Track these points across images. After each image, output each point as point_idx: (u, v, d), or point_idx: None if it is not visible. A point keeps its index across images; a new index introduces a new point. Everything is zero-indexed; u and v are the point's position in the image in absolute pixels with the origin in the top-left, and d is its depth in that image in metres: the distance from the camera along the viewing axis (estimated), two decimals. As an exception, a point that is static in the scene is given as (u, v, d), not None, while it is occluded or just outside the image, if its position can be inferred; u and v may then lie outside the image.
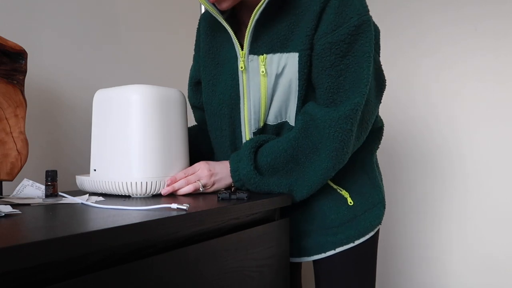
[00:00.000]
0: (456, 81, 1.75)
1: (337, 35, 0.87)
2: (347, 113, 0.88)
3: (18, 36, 1.10)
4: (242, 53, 0.95)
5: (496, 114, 1.67)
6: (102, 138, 0.94)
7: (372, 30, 0.91)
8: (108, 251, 0.57)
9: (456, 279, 1.75)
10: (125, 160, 0.90)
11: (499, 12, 1.65)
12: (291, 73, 0.92)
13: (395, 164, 1.89)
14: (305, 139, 0.91)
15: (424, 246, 1.82)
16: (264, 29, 0.93)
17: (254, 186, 0.93)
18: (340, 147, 0.89)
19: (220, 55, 1.03)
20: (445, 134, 1.77)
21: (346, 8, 0.87)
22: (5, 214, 0.64)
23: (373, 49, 0.91)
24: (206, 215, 0.71)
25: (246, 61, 0.95)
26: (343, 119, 0.88)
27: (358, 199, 0.99)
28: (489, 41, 1.68)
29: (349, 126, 0.88)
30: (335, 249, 0.98)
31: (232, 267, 0.76)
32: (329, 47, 0.88)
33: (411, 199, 1.86)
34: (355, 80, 0.89)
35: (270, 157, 0.92)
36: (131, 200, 0.84)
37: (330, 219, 0.98)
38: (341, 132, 0.88)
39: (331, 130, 0.88)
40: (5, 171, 0.91)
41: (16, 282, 0.47)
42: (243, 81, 0.97)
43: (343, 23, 0.87)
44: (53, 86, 1.21)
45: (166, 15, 1.60)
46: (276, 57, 0.92)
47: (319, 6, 0.87)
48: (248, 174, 0.92)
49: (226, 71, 1.00)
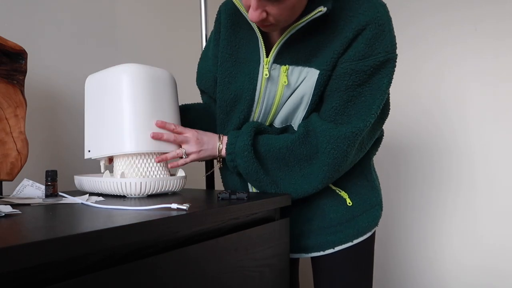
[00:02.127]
0: (456, 82, 1.75)
1: (361, 65, 0.88)
2: (348, 134, 0.90)
3: (18, 36, 1.10)
4: (266, 60, 0.95)
5: (497, 115, 1.67)
6: (95, 118, 0.97)
7: (395, 67, 0.92)
8: (108, 251, 0.57)
9: (457, 279, 1.75)
10: (117, 135, 0.92)
11: (500, 12, 1.65)
12: (306, 87, 0.93)
13: (396, 165, 1.89)
14: (301, 146, 0.93)
15: (425, 246, 1.82)
16: (292, 41, 0.93)
17: (244, 160, 0.94)
18: (332, 164, 0.91)
19: (239, 53, 1.01)
20: (446, 134, 1.77)
21: (377, 42, 0.87)
22: (5, 214, 0.64)
23: (390, 84, 0.92)
24: (206, 215, 0.71)
25: (270, 69, 0.95)
26: (342, 139, 0.90)
27: (356, 200, 1.02)
28: (490, 41, 1.68)
29: (345, 147, 0.90)
30: (334, 248, 1.00)
31: (232, 267, 0.76)
32: (349, 72, 0.89)
33: (411, 199, 1.86)
34: (363, 108, 0.90)
35: (264, 148, 0.95)
36: (131, 200, 0.84)
37: (329, 218, 1.00)
38: (337, 150, 0.90)
39: (328, 145, 0.90)
40: (5, 171, 0.91)
41: (16, 282, 0.47)
42: (261, 87, 0.97)
43: (370, 56, 0.88)
44: (53, 86, 1.21)
45: (166, 15, 1.60)
46: (297, 69, 0.93)
47: (352, 33, 0.88)
48: (243, 147, 0.94)
49: (244, 72, 0.99)
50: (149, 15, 1.54)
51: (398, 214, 1.88)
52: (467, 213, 1.73)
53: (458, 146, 1.75)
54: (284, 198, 0.93)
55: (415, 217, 1.85)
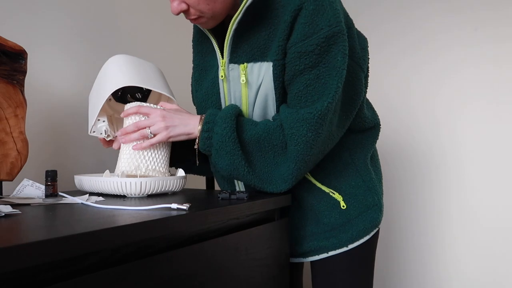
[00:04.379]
0: (455, 83, 1.75)
1: (307, 45, 0.86)
2: (306, 116, 0.86)
3: (18, 36, 1.10)
4: (222, 61, 0.95)
5: (496, 116, 1.67)
6: (92, 102, 1.05)
7: (346, 41, 0.88)
8: (108, 251, 0.57)
9: (458, 279, 1.74)
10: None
11: (499, 16, 1.66)
12: (267, 83, 0.92)
13: (395, 166, 1.89)
14: (275, 133, 0.89)
15: (426, 247, 1.82)
16: (244, 38, 0.92)
17: (222, 128, 0.88)
18: (298, 152, 0.87)
19: (205, 61, 1.03)
20: (446, 136, 1.77)
21: (317, 19, 0.85)
22: (5, 214, 0.64)
23: (347, 61, 0.89)
24: (206, 215, 0.71)
25: (227, 69, 0.95)
26: (301, 122, 0.86)
27: (351, 202, 0.98)
28: (489, 43, 1.68)
29: (305, 130, 0.86)
30: (328, 253, 0.97)
31: (232, 267, 0.76)
32: (298, 56, 0.87)
33: (412, 199, 1.86)
34: (322, 90, 0.87)
35: (244, 127, 0.90)
36: (131, 200, 0.84)
37: (322, 223, 0.98)
38: (298, 136, 0.87)
39: (290, 130, 0.87)
40: (5, 171, 0.91)
41: (16, 282, 0.47)
42: (223, 89, 0.97)
43: (313, 34, 0.85)
44: (53, 86, 1.21)
45: (166, 16, 1.60)
46: (256, 66, 0.92)
47: (290, 16, 0.86)
48: (225, 116, 0.89)
49: (208, 78, 1.01)
50: (150, 15, 1.54)
51: (398, 216, 1.88)
52: (469, 213, 1.73)
53: (459, 147, 1.75)
54: (284, 198, 0.93)
55: (414, 219, 1.84)
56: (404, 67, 1.87)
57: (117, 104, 1.11)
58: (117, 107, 1.11)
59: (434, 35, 1.79)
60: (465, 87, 1.73)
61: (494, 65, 1.67)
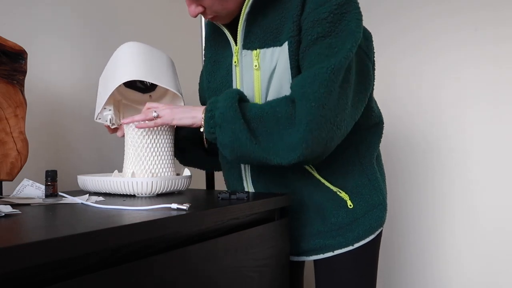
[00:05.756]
0: (459, 82, 1.75)
1: (319, 13, 0.86)
2: (317, 71, 0.83)
3: (18, 36, 1.10)
4: (236, 48, 0.97)
5: (499, 114, 1.67)
6: (101, 88, 1.07)
7: (359, 9, 0.89)
8: (108, 251, 0.57)
9: (461, 278, 1.74)
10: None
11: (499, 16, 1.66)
12: (282, 65, 0.91)
13: (398, 164, 1.88)
14: (285, 105, 0.86)
15: (429, 245, 1.81)
16: (256, 24, 0.94)
17: (224, 105, 0.87)
18: (306, 108, 0.82)
19: (218, 54, 1.05)
20: (450, 135, 1.77)
21: None
22: (5, 214, 0.64)
23: (361, 27, 0.89)
24: (206, 215, 0.71)
25: (240, 56, 0.97)
26: (311, 78, 0.83)
27: (357, 201, 0.99)
28: (490, 42, 1.68)
29: (316, 86, 0.82)
30: (334, 251, 0.98)
31: (232, 267, 0.76)
32: (311, 25, 0.86)
33: (416, 198, 1.86)
34: (336, 52, 0.85)
35: (249, 106, 0.89)
36: (131, 200, 0.84)
37: (330, 223, 0.98)
38: (307, 93, 0.83)
39: (300, 90, 0.84)
40: (5, 171, 0.91)
41: (16, 282, 0.47)
42: (236, 75, 0.98)
43: (325, 2, 0.86)
44: (53, 86, 1.21)
45: (166, 16, 1.60)
46: (269, 51, 0.92)
47: None
48: (228, 94, 0.88)
49: (222, 67, 1.02)
50: (150, 15, 1.54)
51: (401, 214, 1.88)
52: (472, 212, 1.73)
53: (462, 147, 1.75)
54: (284, 198, 0.93)
55: (417, 217, 1.84)
56: (404, 67, 1.87)
57: (126, 89, 1.14)
58: (126, 93, 1.14)
59: (434, 35, 1.79)
60: (466, 88, 1.73)
61: (494, 65, 1.67)
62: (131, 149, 0.95)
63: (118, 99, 1.11)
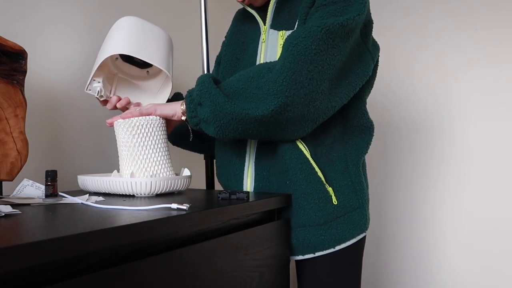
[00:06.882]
0: (453, 82, 1.75)
1: None
2: (311, 28, 0.87)
3: (18, 36, 1.10)
4: (264, 27, 1.07)
5: (494, 114, 1.67)
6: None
7: (368, 3, 0.95)
8: (108, 251, 0.57)
9: (453, 279, 1.75)
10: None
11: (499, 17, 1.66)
12: None
13: (389, 164, 1.89)
14: (258, 67, 0.93)
15: (419, 246, 1.82)
16: (285, 7, 1.04)
17: (199, 84, 0.90)
18: (292, 55, 0.85)
19: (246, 36, 1.13)
20: (442, 134, 1.78)
21: None
22: (5, 214, 0.64)
23: (365, 11, 0.92)
24: (206, 215, 0.71)
25: (267, 34, 1.06)
26: (305, 33, 0.86)
27: (340, 199, 0.97)
28: (489, 43, 1.68)
29: (308, 42, 0.85)
30: (315, 253, 0.96)
31: (232, 267, 0.76)
32: (320, 5, 0.93)
33: (406, 199, 1.86)
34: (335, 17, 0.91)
35: (222, 83, 0.92)
36: (131, 200, 0.84)
37: (316, 215, 0.95)
38: (298, 46, 0.85)
39: (289, 46, 0.87)
40: (5, 171, 0.91)
41: (16, 282, 0.47)
42: (261, 50, 1.06)
43: None
44: (53, 86, 1.21)
45: (167, 16, 1.60)
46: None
47: None
48: (202, 77, 0.91)
49: (251, 47, 1.10)
50: (150, 13, 1.54)
51: (391, 214, 1.88)
52: (462, 213, 1.73)
53: (455, 146, 1.75)
54: (284, 198, 0.93)
55: (407, 218, 1.85)
56: (404, 67, 1.87)
57: (123, 63, 1.17)
58: (123, 67, 1.17)
59: (435, 36, 1.80)
60: (468, 88, 1.73)
61: (494, 66, 1.67)
62: (124, 150, 0.95)
63: (113, 72, 1.14)
